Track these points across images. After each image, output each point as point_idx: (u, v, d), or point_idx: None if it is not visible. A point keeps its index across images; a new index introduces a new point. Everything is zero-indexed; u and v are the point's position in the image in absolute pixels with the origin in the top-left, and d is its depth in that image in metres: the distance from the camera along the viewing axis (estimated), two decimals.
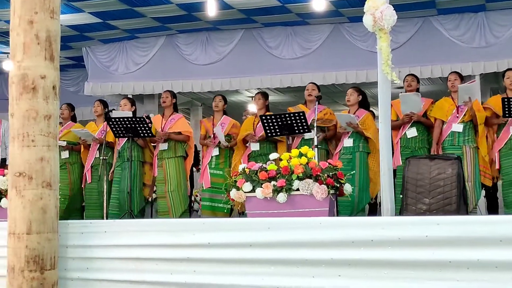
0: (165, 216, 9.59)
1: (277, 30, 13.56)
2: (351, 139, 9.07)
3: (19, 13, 5.67)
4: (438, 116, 8.86)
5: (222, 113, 9.97)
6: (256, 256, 5.33)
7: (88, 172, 10.12)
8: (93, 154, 10.09)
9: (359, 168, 8.92)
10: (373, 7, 6.19)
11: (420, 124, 8.99)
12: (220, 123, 9.80)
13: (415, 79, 9.29)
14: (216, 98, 10.07)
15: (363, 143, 9.07)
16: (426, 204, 6.46)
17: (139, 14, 12.64)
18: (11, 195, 5.66)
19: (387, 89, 6.34)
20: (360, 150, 9.04)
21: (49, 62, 5.67)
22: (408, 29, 12.66)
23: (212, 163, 9.79)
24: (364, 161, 9.05)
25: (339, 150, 9.12)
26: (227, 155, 9.84)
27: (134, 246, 5.76)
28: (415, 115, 8.86)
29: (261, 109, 9.72)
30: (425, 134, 9.05)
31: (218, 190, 9.61)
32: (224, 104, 9.99)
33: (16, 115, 5.64)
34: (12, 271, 5.56)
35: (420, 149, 8.94)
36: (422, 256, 4.78)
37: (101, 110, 10.34)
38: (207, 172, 9.78)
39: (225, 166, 9.76)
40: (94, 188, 10.08)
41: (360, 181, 8.82)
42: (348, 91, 9.40)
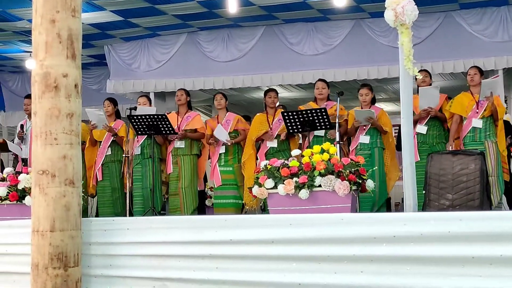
0: (177, 213, 9.62)
1: (298, 26, 13.51)
2: (368, 135, 9.05)
3: (41, 12, 5.71)
4: (458, 111, 8.80)
5: (226, 110, 10.00)
6: (278, 252, 5.34)
7: (99, 170, 10.14)
8: (103, 152, 10.12)
9: (378, 163, 8.91)
10: (394, 2, 6.16)
11: (436, 120, 8.96)
12: (225, 120, 9.82)
13: (428, 74, 9.24)
14: (217, 96, 10.09)
15: (380, 139, 9.07)
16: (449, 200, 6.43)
17: (160, 12, 12.65)
18: (34, 193, 5.70)
19: (409, 84, 6.32)
20: (378, 146, 9.04)
21: (71, 60, 5.71)
22: (430, 24, 12.57)
23: (221, 161, 9.81)
24: (382, 157, 9.06)
25: (355, 146, 9.11)
26: (235, 151, 9.86)
27: (156, 243, 5.78)
28: (433, 110, 8.83)
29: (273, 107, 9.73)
30: (441, 129, 9.02)
31: (229, 186, 9.65)
32: (225, 101, 10.01)
33: (39, 113, 5.67)
34: (36, 268, 5.60)
35: (437, 144, 8.92)
36: (445, 252, 4.77)
37: (112, 109, 10.37)
38: (217, 170, 9.80)
39: (234, 162, 9.78)
40: (107, 186, 10.12)
41: (380, 177, 8.81)
42: (363, 91, 9.34)
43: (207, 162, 10.34)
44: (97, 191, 10.28)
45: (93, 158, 10.27)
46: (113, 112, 10.37)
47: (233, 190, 9.69)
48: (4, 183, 7.28)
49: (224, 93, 10.27)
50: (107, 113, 10.38)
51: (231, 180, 9.66)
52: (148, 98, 10.39)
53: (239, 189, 9.70)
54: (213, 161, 9.90)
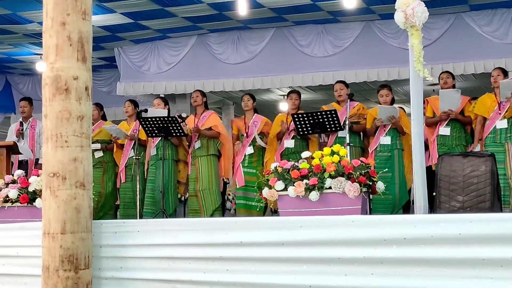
0: (196, 215, 9.64)
1: (308, 28, 13.53)
2: (388, 136, 9.04)
3: (51, 15, 5.72)
4: (480, 112, 8.77)
5: (253, 111, 9.99)
6: (289, 254, 5.33)
7: (122, 171, 10.19)
8: (126, 154, 10.17)
9: (398, 165, 8.90)
10: (404, 4, 6.15)
11: (456, 122, 8.93)
12: (252, 122, 9.82)
13: (450, 75, 9.22)
14: (245, 97, 10.10)
15: (399, 140, 9.06)
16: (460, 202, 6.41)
17: (170, 14, 12.68)
18: (45, 195, 5.71)
19: (419, 86, 6.30)
20: (397, 147, 9.03)
21: (82, 63, 5.72)
22: (440, 25, 12.56)
23: (245, 162, 9.82)
24: (401, 159, 9.04)
25: (375, 147, 9.09)
26: (260, 153, 9.88)
27: (167, 245, 5.78)
28: (453, 113, 8.80)
29: (294, 109, 9.73)
30: (462, 131, 9.00)
31: (252, 188, 9.63)
32: (253, 102, 10.02)
33: (50, 116, 5.69)
34: (47, 270, 5.61)
35: (457, 146, 8.90)
36: (455, 254, 4.75)
37: (132, 110, 10.43)
38: (240, 171, 9.82)
39: (258, 165, 9.78)
40: (129, 187, 10.15)
41: (400, 179, 8.79)
42: (383, 91, 9.32)
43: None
44: (119, 193, 10.31)
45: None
46: (133, 113, 10.44)
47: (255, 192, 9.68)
48: (15, 185, 7.30)
49: (252, 94, 10.25)
50: (127, 114, 10.47)
51: (254, 183, 9.64)
52: (163, 100, 10.40)
53: None
54: (237, 161, 9.91)
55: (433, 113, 9.06)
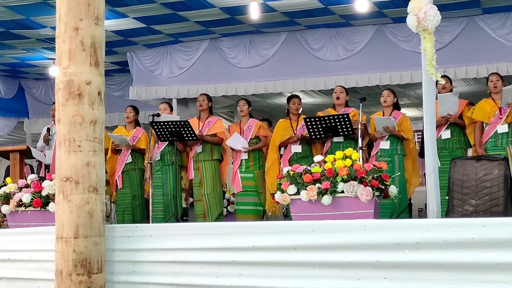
0: (201, 220, 9.63)
1: (320, 32, 13.52)
2: (388, 141, 9.04)
3: (64, 20, 5.75)
4: (480, 118, 8.78)
5: (249, 116, 10.00)
6: (301, 258, 5.33)
7: (119, 177, 10.19)
8: (124, 160, 10.17)
9: (398, 170, 8.88)
10: (416, 8, 6.14)
11: (455, 126, 8.94)
12: (247, 126, 9.83)
13: (448, 80, 9.20)
14: (240, 102, 10.10)
15: (400, 145, 9.05)
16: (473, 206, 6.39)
17: (182, 19, 12.70)
18: (58, 200, 5.73)
19: (432, 89, 6.29)
20: (398, 152, 9.02)
21: (94, 68, 5.74)
22: (452, 29, 12.53)
23: (242, 167, 9.80)
24: (402, 163, 9.03)
25: (376, 152, 9.09)
26: (256, 157, 9.86)
27: (179, 250, 5.79)
28: (452, 117, 8.81)
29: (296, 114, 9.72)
30: (461, 135, 9.01)
31: (250, 192, 9.65)
32: (248, 107, 10.02)
33: (63, 121, 5.71)
34: (60, 274, 5.63)
35: (457, 149, 8.91)
36: (468, 258, 4.74)
37: (133, 116, 10.46)
38: (237, 177, 9.80)
39: (255, 169, 9.78)
40: (128, 193, 10.16)
41: (400, 183, 8.78)
42: (384, 92, 9.37)
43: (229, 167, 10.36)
44: (116, 199, 10.32)
45: (114, 166, 10.32)
46: (133, 119, 10.46)
47: (253, 196, 9.70)
48: (28, 190, 7.32)
49: (247, 99, 10.28)
50: (128, 119, 10.47)
51: (251, 187, 9.66)
52: (169, 105, 10.42)
53: (260, 195, 9.70)
54: (234, 166, 9.91)
55: None
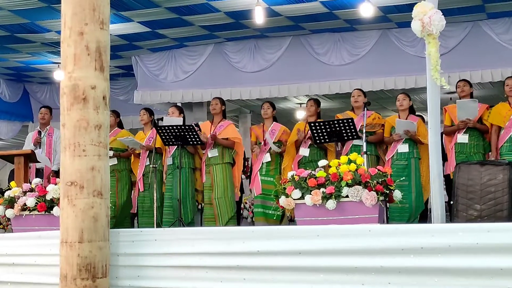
0: (211, 224, 9.61)
1: (325, 36, 13.53)
2: (406, 144, 9.01)
3: (69, 25, 5.75)
4: (496, 122, 8.76)
5: (272, 119, 9.98)
6: (305, 263, 5.33)
7: (140, 180, 10.20)
8: (143, 163, 10.18)
9: (415, 174, 8.87)
10: (421, 13, 6.15)
11: (474, 130, 8.90)
12: (270, 130, 9.81)
13: (467, 84, 9.19)
14: (264, 105, 10.07)
15: (416, 149, 9.03)
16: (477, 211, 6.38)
17: (187, 23, 12.72)
18: (63, 204, 5.74)
19: (436, 94, 6.30)
20: (414, 156, 9.00)
21: (99, 72, 5.74)
22: (457, 33, 12.53)
23: (263, 170, 9.79)
24: (418, 167, 9.01)
25: (392, 155, 9.07)
26: (278, 161, 9.84)
27: (184, 254, 5.79)
28: (471, 122, 8.78)
29: (312, 116, 9.72)
30: (480, 139, 8.96)
31: (269, 196, 9.61)
32: (273, 111, 10.00)
33: (67, 125, 5.71)
34: (65, 279, 5.63)
35: (475, 154, 8.87)
36: (473, 263, 4.74)
37: (147, 118, 10.46)
38: (257, 179, 9.79)
39: (275, 173, 9.75)
40: (147, 196, 10.15)
41: (416, 187, 8.76)
42: (400, 96, 9.33)
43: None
44: (137, 202, 10.32)
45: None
46: (148, 121, 10.46)
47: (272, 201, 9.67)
48: (33, 194, 7.33)
49: (272, 102, 10.23)
50: (143, 122, 10.50)
51: (271, 191, 9.62)
52: (178, 108, 10.40)
53: None
54: (254, 169, 9.90)
55: (451, 122, 9.04)
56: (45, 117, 11.20)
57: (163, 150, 10.07)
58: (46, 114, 11.24)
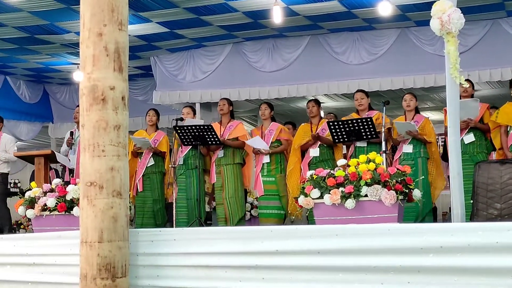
0: (223, 224, 9.63)
1: (343, 35, 13.51)
2: (411, 145, 9.03)
3: (88, 26, 5.78)
4: (505, 121, 8.74)
5: (270, 120, 9.99)
6: (324, 263, 5.31)
7: (139, 181, 10.22)
8: (145, 163, 10.20)
9: (422, 173, 8.86)
10: (440, 11, 6.12)
11: (476, 130, 8.91)
12: (268, 130, 9.83)
13: (470, 84, 9.16)
14: (262, 106, 10.11)
15: (423, 149, 9.03)
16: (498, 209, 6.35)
17: (205, 23, 12.74)
18: (82, 204, 5.76)
19: (456, 93, 6.27)
20: (421, 155, 9.00)
21: (118, 73, 5.76)
22: (476, 32, 12.48)
23: (264, 171, 9.81)
24: (425, 166, 9.01)
25: (399, 156, 9.07)
26: (278, 161, 9.86)
27: (203, 254, 5.80)
28: (472, 122, 8.78)
29: (315, 117, 9.73)
30: (483, 139, 9.00)
31: (272, 196, 9.65)
32: (270, 112, 10.02)
33: (87, 126, 5.74)
34: (85, 278, 5.66)
35: (478, 154, 8.89)
36: (493, 262, 4.70)
37: (155, 119, 10.50)
38: (260, 180, 9.81)
39: (276, 172, 9.79)
40: (148, 197, 10.18)
41: (424, 187, 8.75)
42: (407, 97, 9.33)
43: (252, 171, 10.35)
44: (136, 202, 10.34)
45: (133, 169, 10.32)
46: (155, 122, 10.49)
47: (275, 200, 9.70)
48: (53, 194, 7.37)
49: (269, 103, 10.27)
50: (150, 123, 10.52)
51: (273, 191, 9.66)
52: (192, 109, 10.44)
53: (281, 199, 9.69)
54: (256, 170, 9.92)
55: None
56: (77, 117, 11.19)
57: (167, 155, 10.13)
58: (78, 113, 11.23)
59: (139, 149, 10.25)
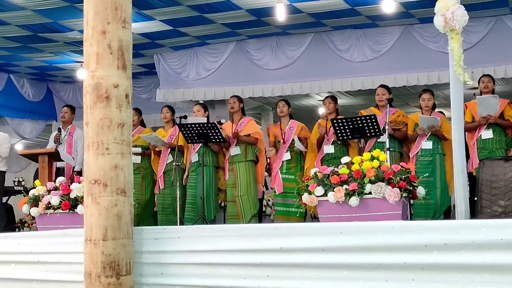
0: (235, 221, 9.61)
1: (347, 33, 13.49)
2: (430, 141, 8.96)
3: (92, 24, 5.78)
4: None
5: (289, 117, 9.97)
6: (329, 260, 5.32)
7: (160, 178, 10.22)
8: (164, 160, 10.18)
9: (440, 170, 8.83)
10: (444, 8, 6.11)
11: (496, 126, 8.85)
12: (288, 128, 9.80)
13: (491, 80, 9.12)
14: (280, 103, 10.07)
15: (441, 145, 8.98)
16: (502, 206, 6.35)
17: (209, 21, 12.73)
18: (87, 202, 5.77)
19: (460, 90, 6.25)
20: (439, 152, 8.95)
21: (122, 71, 5.77)
22: (480, 29, 12.45)
23: (284, 168, 9.77)
24: (443, 163, 8.96)
25: (416, 152, 9.02)
26: (298, 159, 9.82)
27: (207, 252, 5.80)
28: (492, 117, 8.73)
29: (331, 113, 9.69)
30: (502, 135, 8.91)
31: (291, 194, 9.58)
32: (288, 108, 9.99)
33: (91, 123, 5.75)
34: (89, 276, 5.67)
35: (497, 150, 8.82)
36: (497, 259, 4.71)
37: (170, 116, 10.46)
38: (279, 177, 9.77)
39: (296, 171, 9.73)
40: (168, 194, 10.16)
41: (441, 183, 8.72)
42: (426, 96, 9.21)
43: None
44: (157, 199, 10.34)
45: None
46: (171, 119, 10.47)
47: (294, 198, 9.65)
48: (57, 192, 7.37)
49: (287, 100, 10.23)
50: (165, 119, 10.49)
51: (292, 189, 9.59)
52: (203, 106, 10.40)
53: None
54: (275, 167, 9.88)
55: (472, 118, 8.98)
56: (65, 116, 11.17)
57: (185, 148, 10.09)
58: (66, 113, 11.21)
59: (155, 147, 10.23)
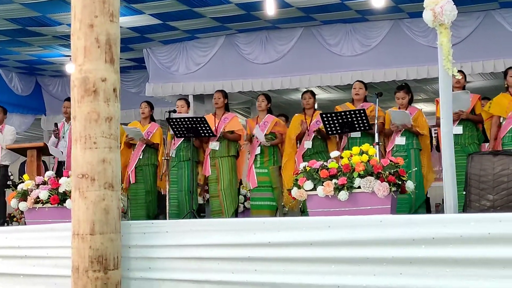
0: (218, 216, 9.63)
1: (336, 27, 13.48)
2: (403, 137, 9.04)
3: (79, 17, 5.76)
4: (497, 112, 8.76)
5: (266, 112, 9.98)
6: (317, 254, 5.32)
7: (132, 172, 10.21)
8: (137, 155, 10.20)
9: (415, 165, 8.87)
10: (433, 2, 6.11)
11: (468, 121, 8.91)
12: (262, 122, 9.82)
13: (463, 75, 9.15)
14: (259, 98, 10.12)
15: (416, 140, 9.05)
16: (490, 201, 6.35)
17: (198, 15, 12.70)
18: (74, 197, 5.75)
19: (449, 84, 6.27)
20: (414, 147, 9.01)
21: (109, 65, 5.75)
22: (469, 23, 12.46)
23: (257, 162, 9.81)
24: (418, 158, 9.03)
25: (391, 148, 9.07)
26: (271, 152, 9.86)
27: (195, 246, 5.80)
28: (464, 113, 8.79)
29: (310, 108, 9.74)
30: (474, 130, 9.00)
31: (264, 188, 9.66)
32: (267, 104, 10.01)
33: (78, 117, 5.73)
34: (77, 271, 5.65)
35: (469, 145, 8.88)
36: (485, 253, 4.71)
37: (148, 111, 10.50)
38: (253, 172, 9.81)
39: (269, 164, 9.80)
40: (140, 189, 10.18)
41: (417, 178, 8.75)
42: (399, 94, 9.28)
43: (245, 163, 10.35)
44: (128, 194, 10.33)
45: (127, 160, 10.33)
46: (149, 115, 10.51)
47: (267, 192, 9.70)
48: (46, 187, 7.35)
49: (267, 95, 10.26)
50: (143, 115, 10.51)
51: (266, 182, 9.66)
52: (186, 101, 10.42)
53: (274, 191, 9.70)
54: (249, 162, 9.92)
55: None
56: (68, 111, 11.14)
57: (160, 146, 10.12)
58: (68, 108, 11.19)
59: (131, 140, 10.23)
